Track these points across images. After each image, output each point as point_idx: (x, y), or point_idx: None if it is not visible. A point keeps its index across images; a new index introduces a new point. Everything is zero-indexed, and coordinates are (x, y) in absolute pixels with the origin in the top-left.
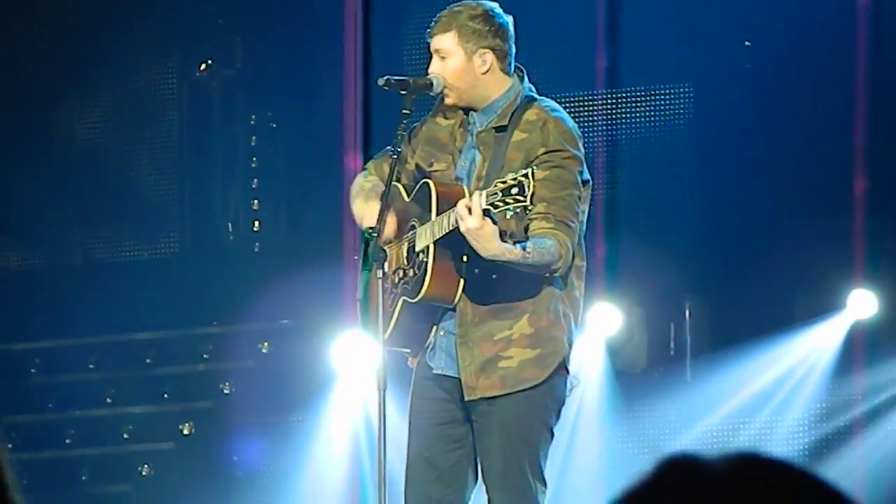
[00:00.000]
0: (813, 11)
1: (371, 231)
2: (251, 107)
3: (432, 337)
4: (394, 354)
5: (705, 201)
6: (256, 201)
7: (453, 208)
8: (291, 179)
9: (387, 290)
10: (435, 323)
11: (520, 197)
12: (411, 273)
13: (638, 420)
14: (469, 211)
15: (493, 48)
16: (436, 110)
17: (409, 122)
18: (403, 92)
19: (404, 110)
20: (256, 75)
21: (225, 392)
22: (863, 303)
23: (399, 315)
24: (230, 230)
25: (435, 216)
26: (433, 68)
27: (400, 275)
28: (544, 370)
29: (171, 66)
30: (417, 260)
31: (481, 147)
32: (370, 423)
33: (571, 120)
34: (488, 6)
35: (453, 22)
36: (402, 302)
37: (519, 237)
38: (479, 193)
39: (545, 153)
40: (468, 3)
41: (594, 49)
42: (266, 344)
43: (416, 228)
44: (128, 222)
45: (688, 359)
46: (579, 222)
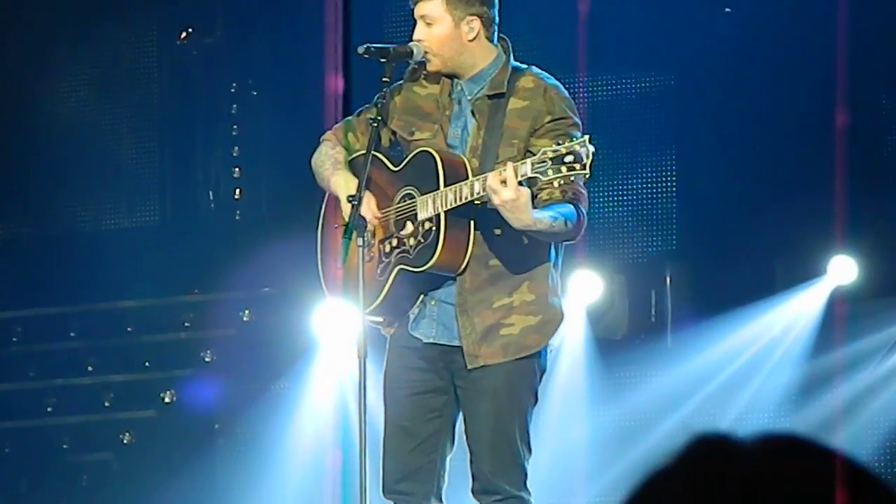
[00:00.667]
0: None
1: (351, 199)
2: (232, 75)
3: (417, 307)
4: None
5: (685, 167)
6: (237, 169)
7: (466, 180)
8: (272, 147)
9: (371, 259)
10: (423, 293)
11: (576, 165)
12: (412, 242)
13: (619, 387)
14: (504, 183)
15: (480, 15)
16: (409, 78)
17: (387, 90)
18: (383, 60)
19: (384, 78)
20: (237, 43)
21: (206, 360)
22: (843, 269)
23: (392, 284)
24: (211, 198)
25: (444, 186)
26: (418, 34)
27: (393, 243)
28: (544, 336)
29: (151, 35)
30: (423, 229)
31: (477, 115)
32: (350, 391)
33: (564, 88)
34: None
35: None
36: (399, 271)
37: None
38: (524, 163)
39: (551, 121)
40: None
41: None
42: (247, 312)
43: (416, 198)
44: (108, 191)
45: (669, 325)
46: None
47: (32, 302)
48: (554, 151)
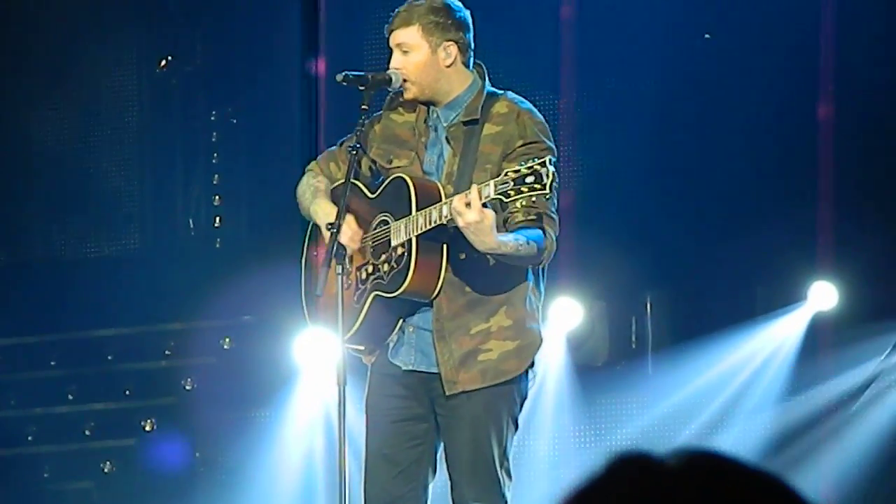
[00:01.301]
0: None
1: (330, 226)
2: (211, 103)
3: (396, 334)
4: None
5: (665, 193)
6: (217, 197)
7: (436, 203)
8: (252, 175)
9: (349, 287)
10: (401, 320)
11: (536, 185)
12: (386, 268)
13: (600, 413)
14: (468, 205)
15: (457, 41)
16: (388, 107)
17: (367, 118)
18: (362, 88)
19: (363, 106)
20: (216, 71)
21: (187, 388)
22: (824, 295)
23: (368, 311)
24: (191, 226)
25: (416, 211)
26: (395, 63)
27: (369, 270)
28: (523, 361)
29: (131, 62)
30: (395, 254)
31: (451, 141)
32: (331, 419)
33: (538, 112)
34: (444, 1)
35: (415, 15)
36: (374, 297)
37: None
38: (486, 184)
39: (523, 145)
40: None
41: (556, 43)
42: (228, 340)
43: (390, 224)
44: (88, 219)
45: (649, 352)
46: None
47: (12, 330)
48: (515, 172)
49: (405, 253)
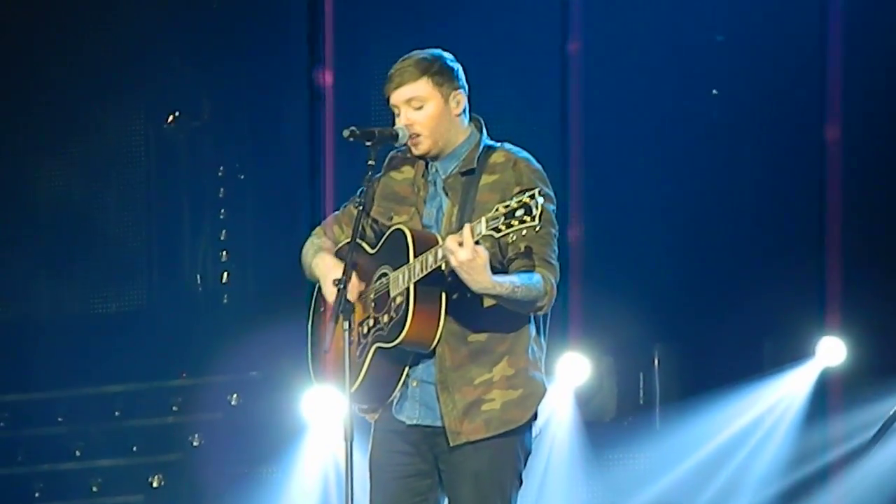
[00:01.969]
0: (779, 49)
1: (337, 282)
2: (219, 158)
3: (398, 390)
4: None
5: (673, 249)
6: (225, 253)
7: (433, 248)
8: (259, 231)
9: (354, 343)
10: (405, 374)
11: (527, 218)
12: (386, 319)
13: (608, 469)
14: (461, 244)
15: (462, 88)
16: (388, 166)
17: (373, 174)
18: (368, 143)
19: (369, 161)
20: (223, 127)
21: (194, 444)
22: (832, 350)
23: (370, 364)
24: (199, 282)
25: (413, 259)
26: (408, 119)
27: (370, 324)
28: (526, 411)
29: (139, 118)
30: (394, 304)
31: (449, 193)
32: (339, 474)
33: (537, 161)
34: (441, 52)
35: (420, 69)
36: (376, 349)
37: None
38: (478, 221)
39: (519, 192)
40: (424, 53)
41: (560, 93)
42: (235, 396)
43: (389, 275)
44: (96, 274)
45: (657, 407)
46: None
47: (19, 387)
48: (506, 206)
49: (403, 302)
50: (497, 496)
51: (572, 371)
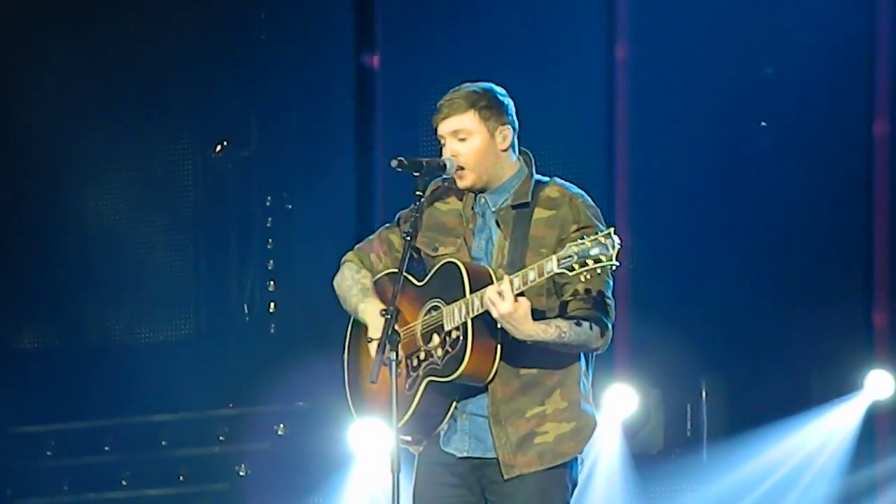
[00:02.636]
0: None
1: (384, 312)
2: (266, 188)
3: (446, 422)
4: None
5: (721, 280)
6: (272, 283)
7: (487, 286)
8: (307, 260)
9: (400, 375)
10: (453, 407)
11: (602, 257)
12: (440, 352)
13: (655, 502)
14: (501, 295)
15: (511, 124)
16: (431, 196)
17: (421, 204)
18: (416, 174)
19: (417, 192)
20: (272, 156)
21: (241, 474)
22: (880, 383)
23: (421, 398)
24: (246, 312)
25: (469, 293)
26: (453, 150)
27: (420, 356)
28: (579, 443)
29: (187, 147)
30: (450, 338)
31: (501, 224)
32: None
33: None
34: (492, 86)
35: (468, 101)
36: (428, 383)
37: (552, 314)
38: (549, 259)
39: (578, 230)
40: (475, 85)
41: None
42: (282, 426)
43: (442, 308)
44: (143, 303)
45: (704, 440)
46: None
47: (66, 415)
48: (578, 245)
49: (460, 336)
50: None
51: (619, 403)
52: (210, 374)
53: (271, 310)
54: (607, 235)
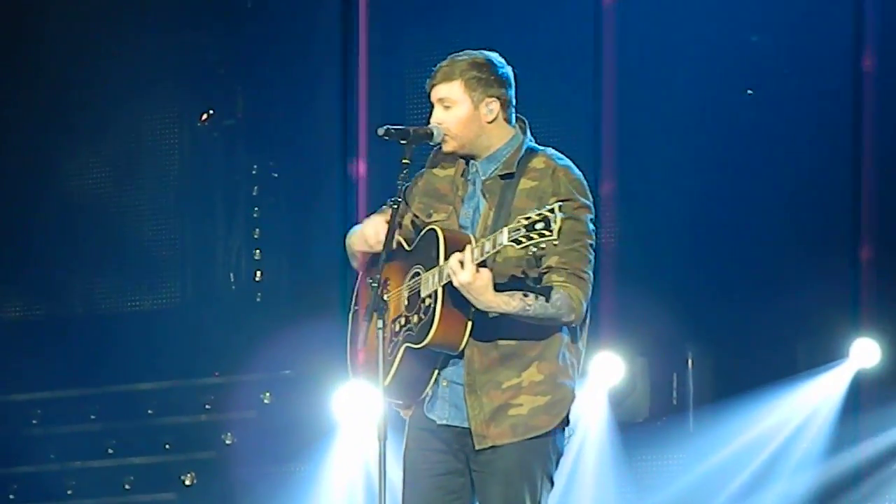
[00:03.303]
0: (814, 50)
1: (371, 281)
2: (252, 157)
3: (430, 388)
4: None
5: (707, 249)
6: (258, 251)
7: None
8: (293, 229)
9: (387, 340)
10: (435, 373)
11: (546, 232)
12: (415, 319)
13: (640, 470)
14: (461, 264)
15: (499, 97)
16: (431, 162)
17: (409, 172)
18: (403, 141)
19: (404, 160)
20: (258, 125)
21: (227, 443)
22: (866, 352)
23: (400, 363)
24: (232, 280)
25: (443, 261)
26: (437, 117)
27: (402, 322)
28: (554, 417)
29: (173, 116)
30: (423, 305)
31: (487, 195)
32: (371, 473)
33: (578, 169)
34: (490, 56)
35: (458, 70)
36: (405, 349)
37: (531, 285)
38: (500, 232)
39: (556, 202)
40: (471, 53)
41: (593, 90)
42: (268, 394)
43: (421, 275)
44: (129, 272)
45: (690, 408)
46: (592, 272)
47: (52, 384)
48: (527, 219)
49: (432, 304)
50: (527, 496)
51: (606, 371)
52: (196, 343)
53: (257, 278)
54: (552, 209)
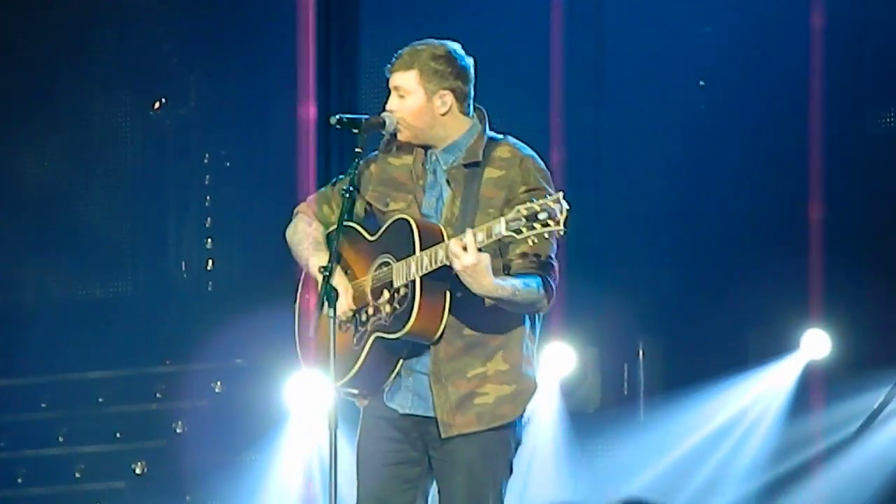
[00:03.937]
0: (767, 42)
1: (323, 269)
2: (205, 145)
3: (392, 378)
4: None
5: (658, 240)
6: (210, 240)
7: (438, 244)
8: (245, 218)
9: (347, 329)
10: (399, 363)
11: (550, 221)
12: (388, 309)
13: (591, 460)
14: (465, 248)
15: (454, 90)
16: (384, 149)
17: (361, 160)
18: (356, 130)
19: (357, 149)
20: (210, 113)
21: (178, 431)
22: (816, 343)
23: (368, 353)
24: (183, 269)
25: (419, 251)
26: (391, 105)
27: (369, 312)
28: (518, 407)
29: (125, 104)
30: (398, 295)
31: (452, 183)
32: (322, 462)
33: (540, 159)
34: (451, 47)
35: (415, 61)
36: (375, 339)
37: (498, 274)
38: (497, 221)
39: (526, 191)
40: (430, 42)
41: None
42: (219, 383)
43: (392, 265)
44: (80, 260)
45: (641, 399)
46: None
47: (2, 372)
48: (528, 209)
49: (408, 293)
50: (489, 486)
51: (557, 361)
52: (147, 332)
53: (209, 267)
54: (556, 200)
